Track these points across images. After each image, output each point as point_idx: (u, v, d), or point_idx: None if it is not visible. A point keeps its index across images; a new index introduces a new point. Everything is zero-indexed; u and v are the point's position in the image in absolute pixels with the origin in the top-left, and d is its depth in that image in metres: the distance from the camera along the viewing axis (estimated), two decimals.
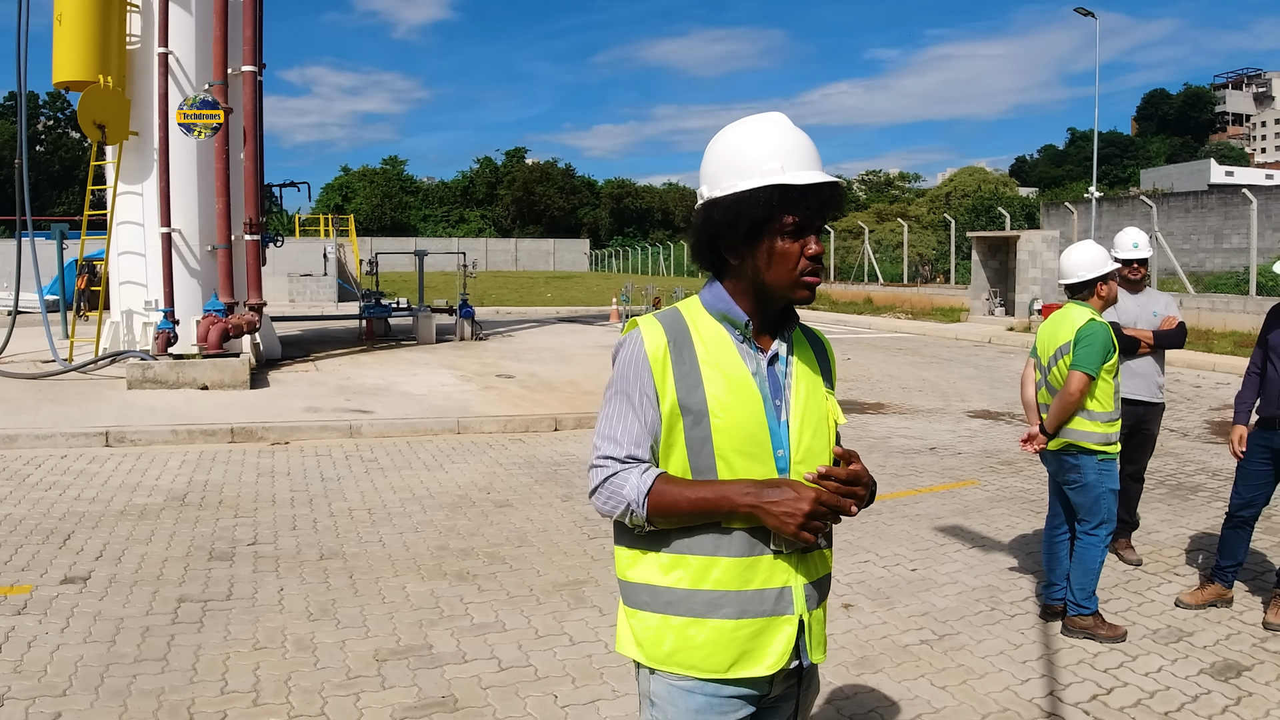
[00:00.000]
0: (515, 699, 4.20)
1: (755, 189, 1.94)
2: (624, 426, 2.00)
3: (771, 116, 2.04)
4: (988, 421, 11.50)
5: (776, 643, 2.00)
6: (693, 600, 1.98)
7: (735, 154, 2.00)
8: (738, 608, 1.98)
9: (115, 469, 8.37)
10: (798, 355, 2.10)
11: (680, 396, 1.98)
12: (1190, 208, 37.29)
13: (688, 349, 2.01)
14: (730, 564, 1.97)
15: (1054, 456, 5.15)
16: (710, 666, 1.99)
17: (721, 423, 1.97)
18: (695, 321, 2.05)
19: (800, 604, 2.02)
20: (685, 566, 1.99)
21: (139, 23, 14.03)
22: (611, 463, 1.99)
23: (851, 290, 35.66)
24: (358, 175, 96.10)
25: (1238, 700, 4.27)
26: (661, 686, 2.03)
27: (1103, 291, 5.14)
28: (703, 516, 1.95)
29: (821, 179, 1.95)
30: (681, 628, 1.99)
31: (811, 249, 1.97)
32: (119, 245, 14.25)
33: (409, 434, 10.22)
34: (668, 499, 1.94)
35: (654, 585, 2.02)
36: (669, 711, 2.02)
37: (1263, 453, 5.28)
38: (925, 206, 63.59)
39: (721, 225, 1.98)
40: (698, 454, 1.98)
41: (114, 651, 4.61)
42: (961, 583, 5.81)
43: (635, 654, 2.06)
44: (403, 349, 17.62)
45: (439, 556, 6.15)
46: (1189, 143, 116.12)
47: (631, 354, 2.02)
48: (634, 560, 2.05)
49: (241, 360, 12.46)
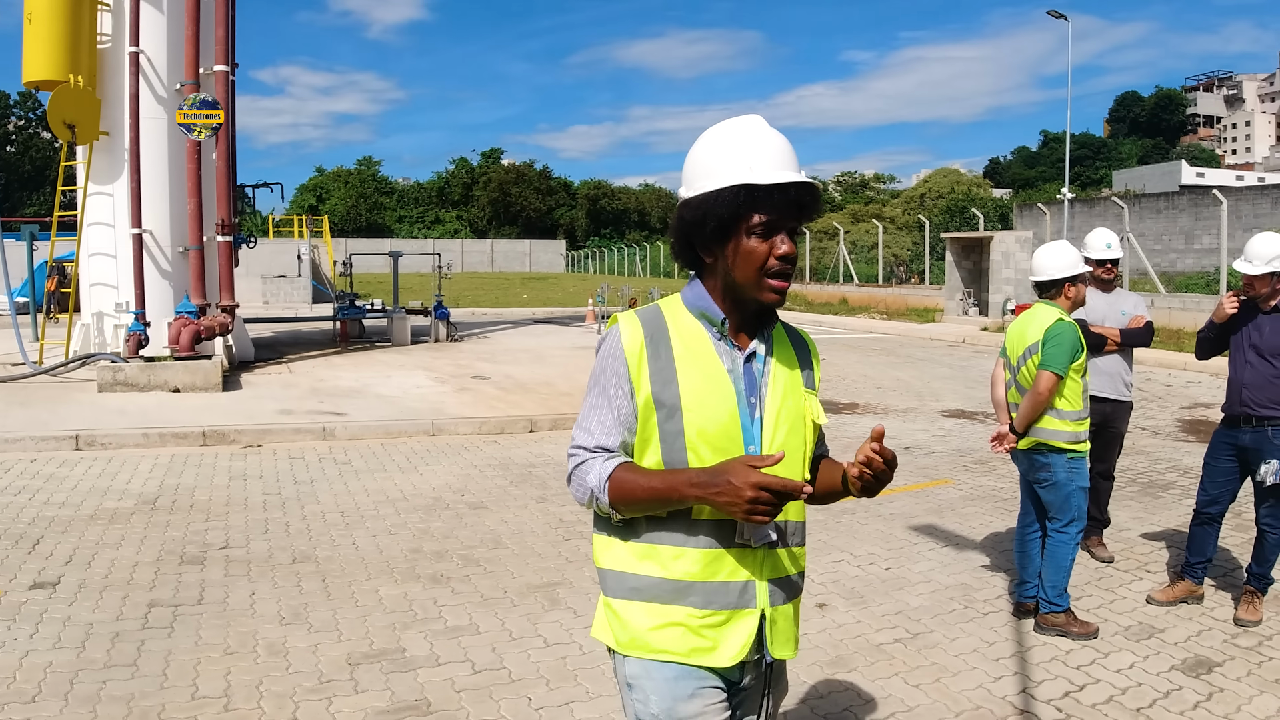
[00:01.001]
0: (489, 702, 4.18)
1: (722, 189, 1.97)
2: (597, 417, 2.07)
3: (748, 119, 2.07)
4: (961, 421, 11.56)
5: (737, 635, 2.04)
6: (661, 588, 2.03)
7: (707, 155, 2.05)
8: (704, 597, 2.02)
9: (85, 473, 8.28)
10: (777, 354, 2.12)
11: (655, 390, 2.02)
12: (1162, 209, 37.65)
13: (664, 344, 2.05)
14: (698, 555, 2.02)
15: (1024, 456, 5.20)
16: (676, 650, 2.03)
17: (694, 417, 2.01)
18: (674, 318, 2.09)
19: (763, 599, 2.06)
20: (655, 556, 2.04)
21: (110, 22, 13.89)
22: (582, 452, 2.07)
23: (827, 291, 35.79)
24: (332, 176, 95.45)
25: (1209, 696, 4.31)
26: (635, 666, 2.08)
27: (1070, 293, 5.19)
28: (660, 504, 2.00)
29: (789, 178, 1.96)
30: (648, 612, 2.04)
31: (781, 249, 1.99)
32: (89, 246, 14.09)
33: (383, 436, 10.17)
34: (626, 486, 1.99)
35: (624, 572, 2.08)
36: (647, 686, 2.06)
37: (1227, 450, 5.34)
38: (900, 208, 64.05)
39: (692, 224, 2.03)
40: (671, 447, 2.02)
41: (83, 657, 4.56)
42: (935, 581, 5.84)
43: (607, 638, 2.12)
44: (377, 351, 17.53)
45: (413, 559, 6.12)
46: (1160, 144, 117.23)
47: (610, 348, 2.08)
48: (608, 547, 2.11)
49: (214, 362, 12.36)
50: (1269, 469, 5.06)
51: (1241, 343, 5.27)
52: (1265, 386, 5.11)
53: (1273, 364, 5.10)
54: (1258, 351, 5.16)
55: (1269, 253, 5.06)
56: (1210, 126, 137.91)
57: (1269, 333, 5.14)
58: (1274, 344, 5.10)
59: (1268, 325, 5.16)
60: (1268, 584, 5.26)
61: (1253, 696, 4.31)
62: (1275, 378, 5.09)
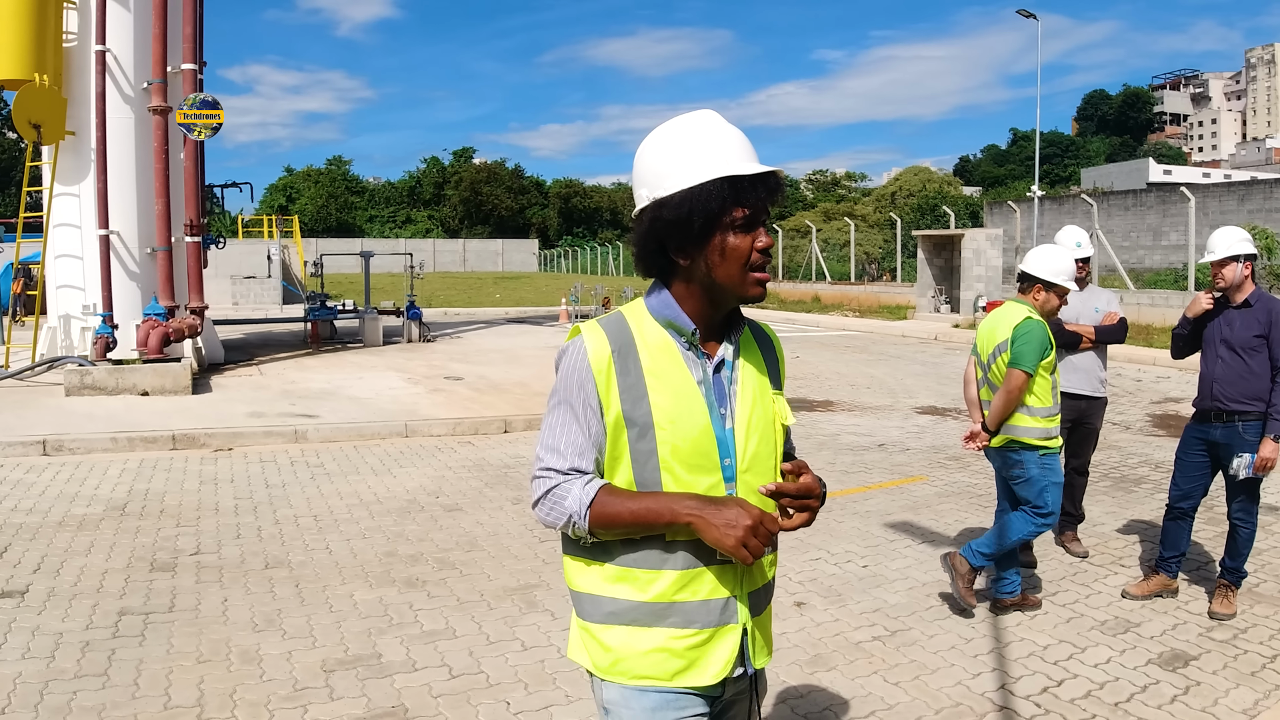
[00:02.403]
0: (467, 707, 4.14)
1: (705, 183, 1.90)
2: (567, 438, 1.97)
3: (704, 114, 2.00)
4: (935, 417, 11.61)
5: (720, 652, 2.00)
6: (639, 611, 1.97)
7: (675, 152, 1.95)
8: (684, 618, 1.97)
9: (53, 479, 8.16)
10: (744, 358, 2.06)
11: (625, 409, 1.94)
12: (1130, 206, 37.98)
13: (632, 359, 1.96)
14: (676, 576, 1.96)
15: (997, 453, 5.27)
16: (657, 675, 1.98)
17: (667, 435, 1.94)
18: (640, 328, 2.00)
19: (744, 614, 2.02)
20: (631, 579, 1.97)
21: (76, 20, 13.70)
22: (554, 474, 1.96)
23: (800, 289, 35.91)
24: (302, 175, 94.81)
25: (1186, 690, 4.33)
26: (614, 692, 2.01)
27: (1039, 296, 5.22)
28: (644, 528, 1.93)
29: (766, 169, 1.93)
30: (627, 637, 1.98)
31: (762, 241, 1.94)
32: (56, 248, 13.89)
33: (356, 438, 10.08)
34: (610, 510, 1.91)
35: (600, 596, 2.00)
36: (625, 715, 2.00)
37: (1198, 445, 5.39)
38: (871, 206, 64.33)
39: (672, 224, 1.93)
40: (643, 466, 1.96)
41: (53, 667, 4.47)
42: (912, 578, 5.84)
43: (585, 662, 2.06)
44: (349, 352, 17.41)
45: (387, 563, 6.07)
46: (1128, 142, 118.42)
47: (574, 364, 1.98)
48: (581, 571, 2.03)
49: (183, 365, 12.23)
50: (1241, 463, 5.10)
51: (1213, 338, 5.32)
52: (1236, 381, 5.16)
53: (1243, 358, 5.14)
54: (1228, 346, 5.21)
55: (1229, 239, 5.21)
56: (1177, 124, 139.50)
57: (1239, 327, 5.19)
58: (1244, 338, 5.15)
59: (1238, 320, 5.21)
60: (1241, 577, 5.30)
61: (1229, 690, 4.33)
62: (1246, 373, 5.13)
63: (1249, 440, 5.11)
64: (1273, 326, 5.09)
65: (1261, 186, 34.22)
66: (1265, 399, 5.08)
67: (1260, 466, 5.05)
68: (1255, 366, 5.11)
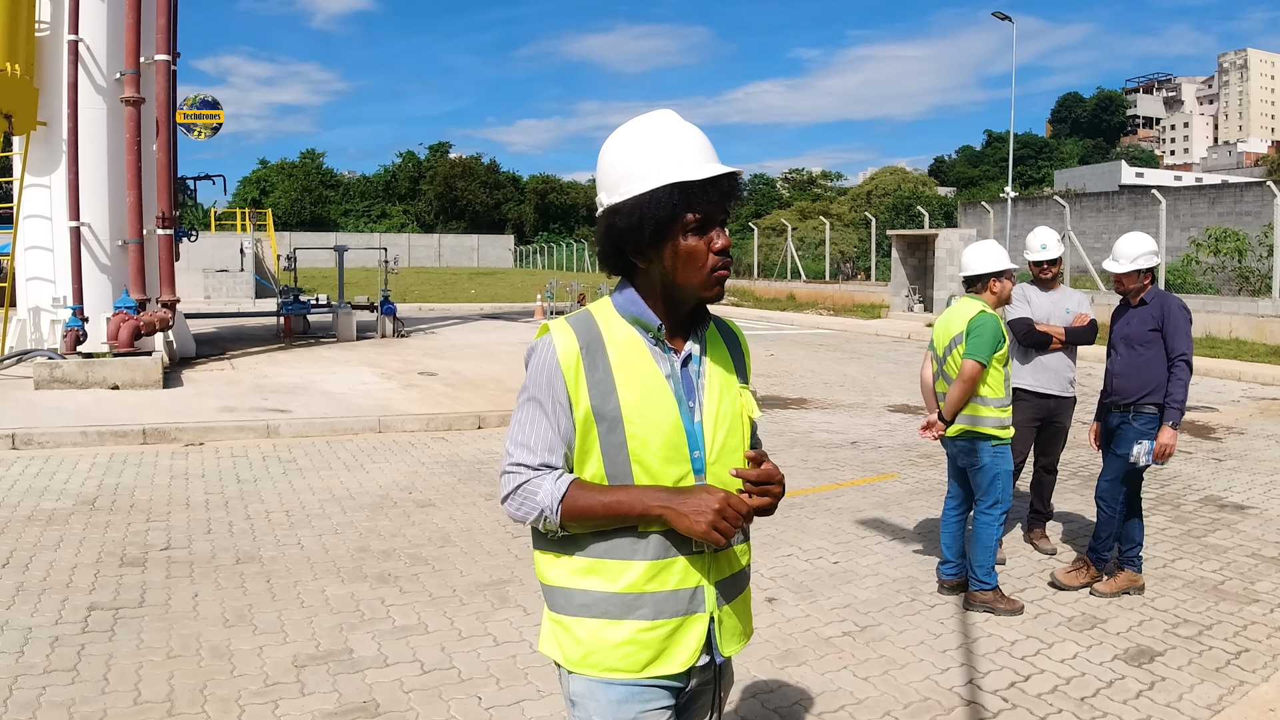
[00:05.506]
0: (439, 702, 4.15)
1: (654, 190, 1.92)
2: (537, 434, 1.99)
3: (661, 114, 2.02)
4: (907, 416, 11.69)
5: (688, 641, 2.02)
6: (609, 603, 2.00)
7: (629, 156, 1.98)
8: (653, 609, 1.99)
9: (21, 472, 8.08)
10: (711, 353, 2.09)
11: (594, 404, 1.97)
12: (1102, 208, 38.30)
13: (600, 355, 1.99)
14: (646, 566, 1.99)
15: (953, 442, 5.50)
16: (626, 667, 2.00)
17: (636, 429, 1.97)
18: (608, 325, 2.03)
19: (711, 602, 2.05)
20: (602, 570, 2.00)
21: (49, 9, 13.55)
22: (524, 470, 1.99)
23: (775, 287, 36.02)
24: (276, 169, 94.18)
25: (1151, 685, 4.39)
26: (580, 684, 2.04)
27: (995, 288, 5.54)
28: (616, 521, 1.96)
29: (718, 171, 1.94)
30: (598, 629, 2.00)
31: (718, 243, 1.96)
32: (26, 240, 13.75)
33: (328, 433, 10.04)
34: (582, 504, 1.94)
35: (571, 589, 2.03)
36: (590, 707, 2.03)
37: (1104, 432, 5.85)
38: (847, 205, 64.57)
39: (625, 231, 1.96)
40: (613, 460, 1.98)
41: (22, 662, 4.44)
42: (882, 574, 5.89)
43: (555, 655, 2.08)
44: (322, 347, 17.32)
45: (359, 558, 6.05)
46: (1101, 145, 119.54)
47: (544, 361, 2.00)
48: (552, 564, 2.06)
49: (154, 359, 12.12)
50: (1140, 450, 5.41)
51: (1116, 336, 5.69)
52: (1131, 375, 5.53)
53: (1139, 352, 5.50)
54: (1126, 343, 5.60)
55: (1134, 251, 5.49)
56: (1150, 128, 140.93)
57: (1136, 323, 5.58)
58: (1140, 333, 5.52)
59: (1135, 318, 5.61)
60: (1102, 562, 5.67)
61: (1194, 685, 4.40)
62: (1142, 365, 5.49)
63: (1138, 429, 5.47)
64: (1165, 319, 5.45)
65: (1232, 190, 34.59)
66: (1155, 387, 5.43)
67: (1160, 454, 5.37)
68: (1150, 357, 5.46)
